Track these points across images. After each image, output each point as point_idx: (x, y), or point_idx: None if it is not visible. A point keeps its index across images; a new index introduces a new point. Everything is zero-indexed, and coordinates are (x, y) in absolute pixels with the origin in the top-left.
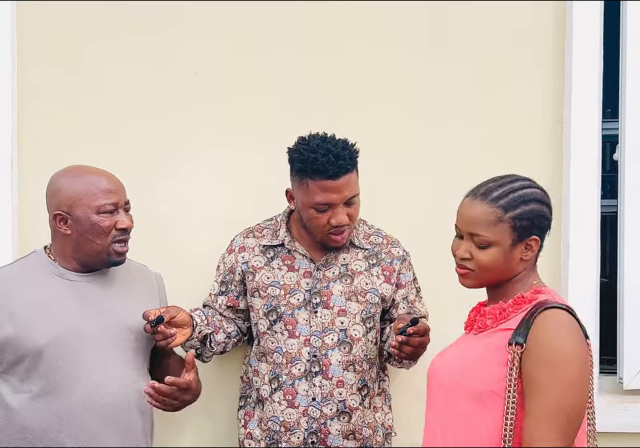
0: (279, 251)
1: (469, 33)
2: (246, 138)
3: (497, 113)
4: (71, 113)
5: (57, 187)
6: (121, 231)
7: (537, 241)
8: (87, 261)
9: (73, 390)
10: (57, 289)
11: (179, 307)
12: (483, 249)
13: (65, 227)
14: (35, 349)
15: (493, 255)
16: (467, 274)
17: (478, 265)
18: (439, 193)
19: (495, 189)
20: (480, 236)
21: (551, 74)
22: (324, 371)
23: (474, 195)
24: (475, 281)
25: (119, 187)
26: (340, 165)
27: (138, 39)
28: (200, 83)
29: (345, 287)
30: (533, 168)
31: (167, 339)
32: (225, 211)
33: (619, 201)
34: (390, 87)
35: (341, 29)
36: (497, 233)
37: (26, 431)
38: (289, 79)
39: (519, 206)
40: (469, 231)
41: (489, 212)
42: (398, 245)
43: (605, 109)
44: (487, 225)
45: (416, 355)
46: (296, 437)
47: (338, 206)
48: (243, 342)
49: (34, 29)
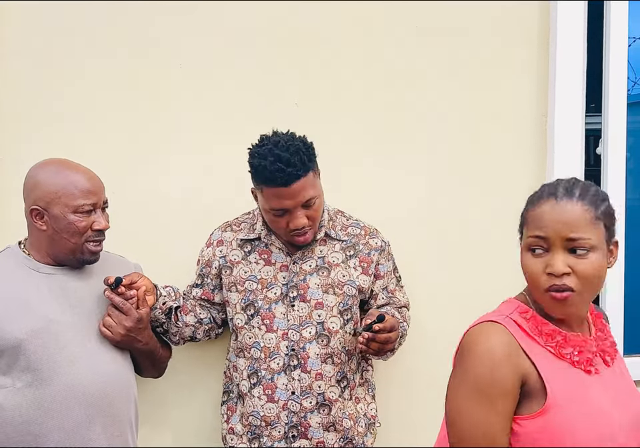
0: (256, 244)
1: (456, 30)
2: (229, 131)
3: (483, 108)
4: (53, 105)
5: (35, 181)
6: (96, 231)
7: (617, 245)
8: (60, 257)
9: (54, 382)
10: (33, 283)
11: (139, 273)
12: (584, 257)
13: (40, 222)
14: (13, 343)
15: (595, 263)
16: (569, 296)
17: (580, 279)
18: (426, 188)
19: (572, 187)
20: (582, 240)
21: (536, 69)
22: (302, 364)
23: (554, 197)
24: (576, 305)
25: (99, 187)
26: (289, 172)
27: (121, 32)
28: (184, 76)
29: (322, 279)
30: (517, 162)
31: (126, 300)
32: (207, 204)
33: None
34: (377, 84)
35: (331, 25)
36: (596, 233)
37: (7, 425)
38: (276, 73)
39: (602, 202)
40: (570, 235)
41: (584, 209)
42: (376, 235)
43: (589, 103)
44: (587, 224)
45: (383, 351)
46: (277, 431)
47: (295, 210)
48: (217, 334)
49: (14, 22)
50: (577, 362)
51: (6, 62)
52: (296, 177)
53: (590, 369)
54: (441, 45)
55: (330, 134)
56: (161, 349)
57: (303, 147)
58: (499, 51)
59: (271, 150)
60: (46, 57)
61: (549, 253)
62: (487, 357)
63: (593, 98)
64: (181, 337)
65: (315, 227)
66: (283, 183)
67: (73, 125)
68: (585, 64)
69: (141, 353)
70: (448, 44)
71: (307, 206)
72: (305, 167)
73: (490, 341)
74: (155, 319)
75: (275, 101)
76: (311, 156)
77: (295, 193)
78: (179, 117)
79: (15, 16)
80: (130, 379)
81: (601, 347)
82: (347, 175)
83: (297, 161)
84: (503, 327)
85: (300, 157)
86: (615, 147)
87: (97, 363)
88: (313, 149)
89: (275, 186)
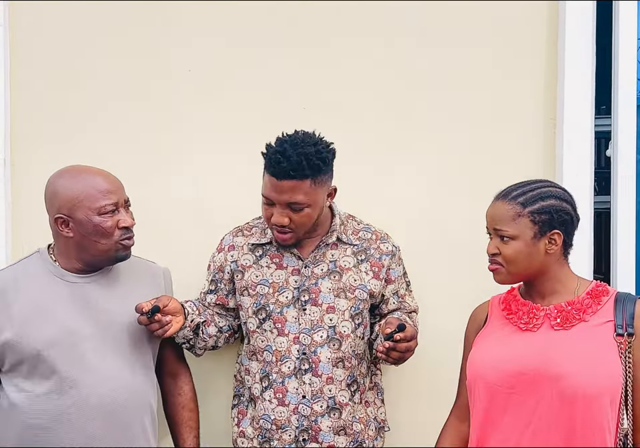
0: (268, 249)
1: (463, 31)
2: (241, 135)
3: (491, 111)
4: (65, 110)
5: (54, 190)
6: (124, 229)
7: (560, 235)
8: (92, 261)
9: (70, 391)
10: (56, 291)
11: (169, 295)
12: (507, 243)
13: (67, 230)
14: (33, 351)
15: (516, 248)
16: (496, 269)
17: (504, 259)
18: (433, 191)
19: (514, 189)
20: (503, 231)
21: (544, 71)
22: (313, 368)
23: (497, 198)
24: (504, 276)
25: (118, 186)
26: (283, 168)
27: (131, 38)
28: (193, 80)
29: (334, 283)
30: (526, 165)
31: (163, 327)
32: (219, 209)
33: (612, 197)
34: (386, 86)
35: (339, 28)
36: (517, 227)
37: (27, 428)
38: (284, 77)
39: (537, 202)
40: (493, 228)
41: (508, 209)
42: (387, 240)
43: (599, 105)
44: (507, 220)
45: (403, 360)
46: (287, 434)
47: (280, 206)
48: (235, 339)
49: (26, 27)
50: (511, 320)
51: (18, 71)
52: (288, 176)
53: (522, 327)
54: (447, 47)
55: (337, 137)
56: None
57: (314, 155)
58: (507, 52)
59: (285, 142)
60: (57, 65)
61: (492, 238)
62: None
63: (602, 100)
64: (205, 348)
65: (297, 233)
66: (276, 174)
67: (83, 130)
68: (594, 65)
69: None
70: (455, 45)
71: (294, 209)
72: (302, 172)
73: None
74: (183, 336)
75: (283, 105)
76: (317, 166)
77: (282, 189)
78: (188, 121)
79: (28, 22)
80: (146, 389)
81: (550, 314)
82: (354, 178)
83: (297, 162)
84: (489, 302)
85: (303, 161)
86: (625, 149)
87: (112, 373)
88: (325, 162)
89: (269, 174)
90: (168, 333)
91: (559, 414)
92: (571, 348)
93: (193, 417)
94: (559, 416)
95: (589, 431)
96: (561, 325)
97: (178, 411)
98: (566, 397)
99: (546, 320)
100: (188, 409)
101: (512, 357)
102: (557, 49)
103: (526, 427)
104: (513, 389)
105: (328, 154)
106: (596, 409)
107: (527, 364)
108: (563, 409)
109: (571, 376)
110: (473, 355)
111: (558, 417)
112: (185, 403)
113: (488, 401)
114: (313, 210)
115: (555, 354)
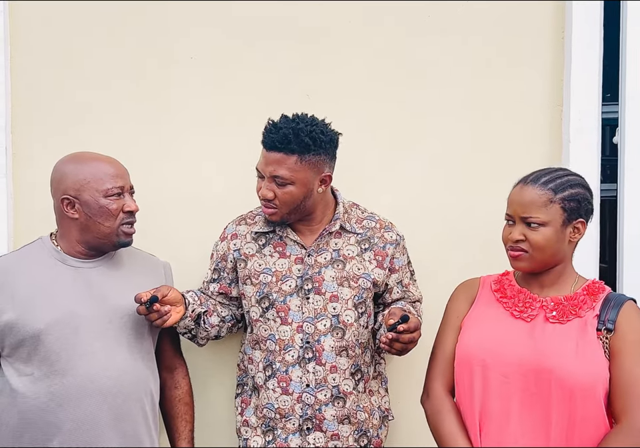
0: (271, 237)
1: (469, 19)
2: (240, 123)
3: (497, 98)
4: (64, 99)
5: (62, 173)
6: (128, 213)
7: (584, 224)
8: (95, 244)
9: (69, 374)
10: (59, 275)
11: (169, 286)
12: (536, 229)
13: (72, 211)
14: (33, 333)
15: (545, 235)
16: (520, 255)
17: (532, 245)
18: (439, 180)
19: (543, 175)
20: (533, 217)
21: (551, 58)
22: (317, 357)
23: (524, 182)
24: (529, 262)
25: (124, 171)
26: (273, 138)
27: (132, 26)
28: (195, 68)
29: (337, 272)
30: (532, 152)
31: (162, 317)
32: (219, 198)
33: (618, 185)
34: (390, 75)
35: (343, 16)
36: (549, 213)
37: (27, 412)
38: (287, 65)
39: (567, 189)
40: (522, 215)
41: (540, 194)
42: (391, 228)
43: (605, 92)
44: (539, 206)
45: (406, 351)
46: (291, 423)
47: (267, 179)
48: (237, 328)
49: (26, 16)
50: (505, 304)
51: (18, 61)
52: (275, 147)
53: (515, 314)
54: (454, 35)
55: (341, 125)
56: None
57: (305, 132)
58: (513, 39)
59: (285, 117)
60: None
61: (515, 224)
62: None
63: (609, 87)
64: (207, 338)
65: (281, 210)
66: (265, 144)
67: (83, 120)
68: (601, 52)
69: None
70: (461, 34)
71: (279, 184)
72: (288, 145)
73: (458, 286)
74: (184, 326)
75: (286, 93)
76: (304, 143)
77: (269, 160)
78: (190, 109)
79: (27, 14)
80: (147, 375)
81: (546, 306)
82: (357, 167)
83: (284, 135)
84: (479, 279)
85: (291, 134)
86: (632, 136)
87: (113, 357)
88: (315, 142)
89: (262, 145)
90: (167, 324)
91: (553, 406)
92: (566, 343)
93: (188, 410)
94: (552, 409)
95: (588, 423)
96: (556, 318)
97: (174, 404)
98: (562, 390)
99: (541, 311)
100: (184, 402)
101: (509, 345)
102: (564, 36)
103: (516, 418)
104: (507, 378)
105: (321, 135)
106: (591, 404)
107: (524, 356)
108: (558, 403)
109: (566, 370)
110: (467, 336)
111: (551, 410)
112: (181, 396)
113: (482, 387)
114: (298, 189)
115: (552, 348)
